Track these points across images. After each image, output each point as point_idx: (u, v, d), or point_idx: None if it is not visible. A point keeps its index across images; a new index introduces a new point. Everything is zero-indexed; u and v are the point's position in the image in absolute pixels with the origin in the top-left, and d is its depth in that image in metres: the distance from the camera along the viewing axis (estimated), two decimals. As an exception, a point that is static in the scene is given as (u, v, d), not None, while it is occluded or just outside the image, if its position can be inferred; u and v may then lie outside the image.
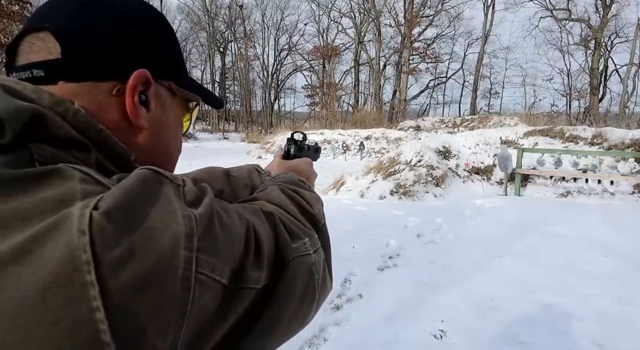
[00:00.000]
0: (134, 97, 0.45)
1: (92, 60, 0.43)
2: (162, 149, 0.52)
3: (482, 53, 28.28)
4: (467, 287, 3.47)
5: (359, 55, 31.32)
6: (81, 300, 0.28)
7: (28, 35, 0.44)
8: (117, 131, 0.44)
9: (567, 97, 28.40)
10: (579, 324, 2.86)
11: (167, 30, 0.52)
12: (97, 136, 0.42)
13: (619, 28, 25.00)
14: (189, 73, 0.56)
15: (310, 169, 0.84)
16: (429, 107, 34.45)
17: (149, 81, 0.46)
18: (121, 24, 0.46)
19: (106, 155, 0.42)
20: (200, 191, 0.39)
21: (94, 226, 0.29)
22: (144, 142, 0.48)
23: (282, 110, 39.87)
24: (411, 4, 26.67)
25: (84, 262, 0.28)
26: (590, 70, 24.27)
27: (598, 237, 4.92)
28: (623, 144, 8.15)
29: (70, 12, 0.44)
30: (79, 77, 0.43)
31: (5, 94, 0.37)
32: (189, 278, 0.33)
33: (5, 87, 0.38)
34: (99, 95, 0.44)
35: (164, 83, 0.50)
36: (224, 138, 26.69)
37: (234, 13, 33.29)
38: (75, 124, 0.40)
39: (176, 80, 0.52)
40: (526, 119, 14.66)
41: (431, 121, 18.49)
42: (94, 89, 0.44)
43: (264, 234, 0.44)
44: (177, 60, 0.53)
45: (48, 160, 0.35)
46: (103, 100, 0.44)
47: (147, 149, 0.48)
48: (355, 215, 5.99)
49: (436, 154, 8.89)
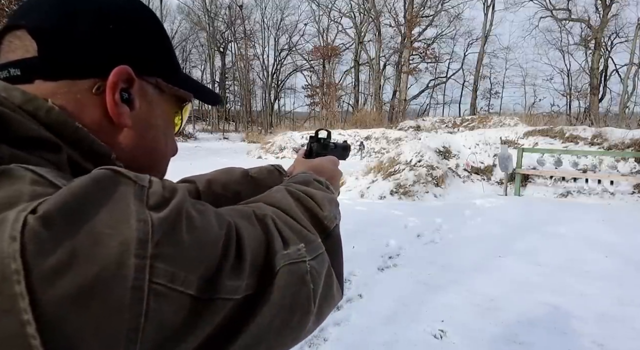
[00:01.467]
0: (115, 95, 0.43)
1: (69, 57, 0.42)
2: (150, 147, 0.49)
3: (482, 53, 28.28)
4: (467, 287, 3.47)
5: (359, 55, 31.33)
6: (10, 313, 0.25)
7: (7, 34, 0.43)
8: (99, 131, 0.43)
9: (567, 97, 28.42)
10: (579, 324, 2.86)
11: (154, 24, 0.50)
12: (74, 135, 0.40)
13: (619, 28, 25.03)
14: (186, 70, 0.54)
15: (334, 167, 0.79)
16: (429, 107, 34.47)
17: (131, 78, 0.44)
18: (101, 18, 0.44)
19: (84, 155, 0.41)
20: (169, 192, 0.35)
21: (27, 231, 0.27)
22: (129, 142, 0.46)
23: (282, 110, 39.87)
24: (411, 4, 26.67)
25: (13, 272, 0.26)
26: (590, 70, 24.27)
27: (598, 237, 4.92)
28: (623, 144, 8.15)
29: (48, 9, 0.43)
30: (56, 75, 0.42)
31: None
32: (140, 288, 0.29)
33: None
34: (78, 94, 0.42)
35: (150, 80, 0.48)
36: (224, 138, 26.67)
37: (233, 13, 33.29)
38: (48, 123, 0.38)
39: (165, 76, 0.50)
40: (526, 119, 14.66)
41: (431, 121, 18.48)
42: (72, 87, 0.42)
43: (250, 238, 0.40)
44: (165, 55, 0.51)
45: (4, 162, 0.32)
46: (82, 98, 0.43)
47: (132, 149, 0.47)
48: (355, 215, 5.99)
49: (436, 154, 8.89)
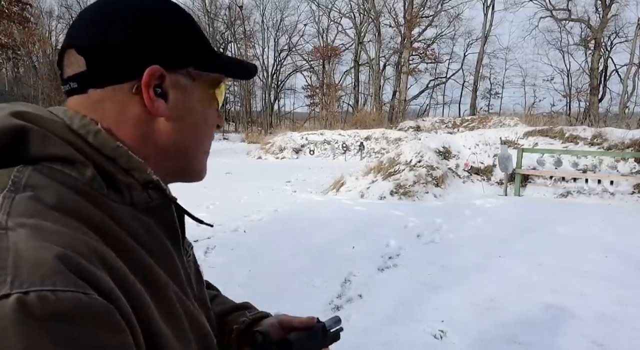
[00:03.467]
0: (149, 92, 0.50)
1: (110, 67, 0.49)
2: (191, 132, 0.55)
3: (482, 53, 28.29)
4: (467, 287, 3.48)
5: (359, 55, 31.33)
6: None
7: (65, 53, 0.52)
8: (142, 124, 0.50)
9: (567, 97, 28.42)
10: (579, 324, 2.86)
11: (180, 19, 0.54)
12: (113, 152, 0.48)
13: (619, 28, 25.05)
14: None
15: None
16: (428, 107, 34.48)
17: (162, 74, 0.50)
18: (133, 27, 0.50)
19: (123, 169, 0.48)
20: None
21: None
22: (169, 129, 0.52)
23: (282, 111, 39.84)
24: (411, 4, 26.68)
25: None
26: (590, 70, 24.28)
27: (598, 237, 4.92)
28: (623, 144, 8.16)
29: (87, 27, 0.51)
30: (102, 84, 0.49)
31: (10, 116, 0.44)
32: None
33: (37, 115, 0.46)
34: (122, 96, 0.50)
35: (182, 71, 0.53)
36: (224, 138, 26.65)
37: (233, 14, 33.31)
38: (94, 143, 0.47)
39: (195, 64, 0.54)
40: (526, 119, 14.67)
41: (431, 121, 18.49)
42: (117, 91, 0.50)
43: None
44: (194, 45, 0.54)
45: (19, 186, 0.40)
46: (125, 99, 0.50)
47: (172, 136, 0.53)
48: (355, 216, 5.99)
49: (436, 154, 8.89)
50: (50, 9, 32.45)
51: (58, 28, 32.69)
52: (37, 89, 25.41)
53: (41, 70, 26.89)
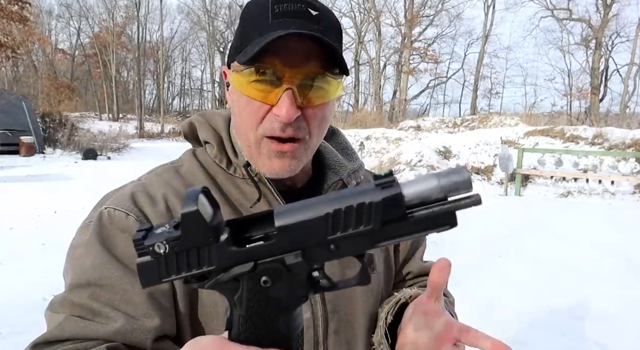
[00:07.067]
0: (223, 88, 0.68)
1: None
2: (243, 112, 0.62)
3: (483, 53, 28.27)
4: (467, 287, 3.47)
5: (359, 55, 31.30)
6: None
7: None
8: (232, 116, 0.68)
9: (567, 97, 28.40)
10: (579, 324, 2.86)
11: (240, 21, 0.62)
12: (234, 140, 0.68)
13: (620, 28, 25.03)
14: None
15: None
16: (429, 107, 34.46)
17: (224, 72, 0.65)
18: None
19: (233, 152, 0.67)
20: None
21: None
22: (234, 110, 0.64)
23: (282, 110, 39.83)
24: (411, 3, 26.66)
25: None
26: (591, 70, 24.26)
27: (598, 237, 4.91)
28: (624, 144, 8.15)
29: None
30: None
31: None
32: None
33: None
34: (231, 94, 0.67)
35: (232, 66, 0.62)
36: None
37: (233, 13, 33.27)
38: (231, 133, 0.68)
39: (237, 59, 0.60)
40: (527, 119, 14.66)
41: (431, 121, 18.48)
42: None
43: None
44: (238, 43, 0.61)
45: (184, 161, 0.71)
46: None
47: (236, 115, 0.64)
48: (355, 215, 5.98)
49: (436, 154, 8.88)
50: (50, 8, 32.49)
51: (57, 27, 32.72)
52: (37, 88, 25.40)
53: (41, 69, 26.88)
